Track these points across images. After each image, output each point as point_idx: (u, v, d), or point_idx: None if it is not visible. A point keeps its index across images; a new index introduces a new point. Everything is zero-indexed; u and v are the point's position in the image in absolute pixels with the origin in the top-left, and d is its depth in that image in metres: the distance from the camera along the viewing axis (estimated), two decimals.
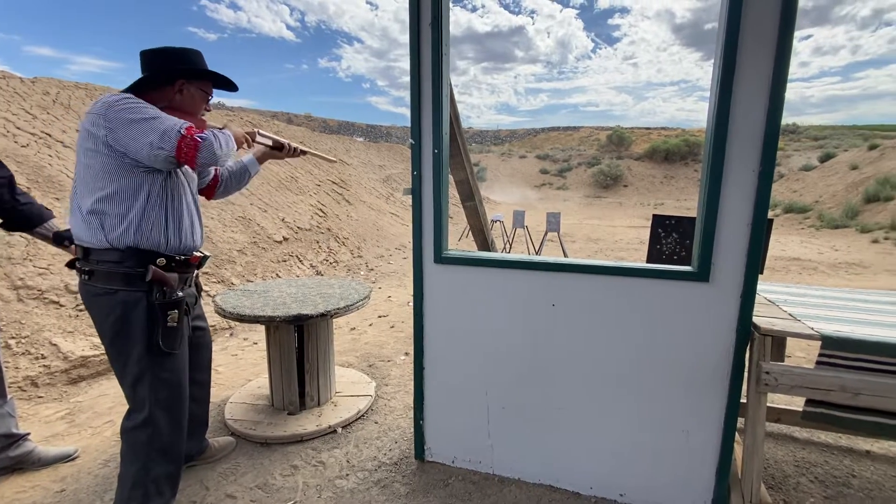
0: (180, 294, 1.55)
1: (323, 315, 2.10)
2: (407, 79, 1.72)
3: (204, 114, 1.66)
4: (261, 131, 1.82)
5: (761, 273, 1.52)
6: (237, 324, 4.45)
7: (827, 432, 2.19)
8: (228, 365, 3.33)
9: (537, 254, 8.69)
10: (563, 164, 32.95)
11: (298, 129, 17.20)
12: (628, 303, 1.63)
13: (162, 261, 1.49)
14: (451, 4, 1.72)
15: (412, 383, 2.01)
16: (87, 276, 1.47)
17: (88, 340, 3.44)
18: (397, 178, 17.27)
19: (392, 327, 3.98)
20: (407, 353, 3.29)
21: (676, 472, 1.67)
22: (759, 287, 1.84)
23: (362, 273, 7.20)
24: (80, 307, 3.63)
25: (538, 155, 36.28)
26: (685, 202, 24.33)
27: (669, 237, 2.38)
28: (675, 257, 2.36)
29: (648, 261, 2.36)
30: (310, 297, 2.34)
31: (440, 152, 1.73)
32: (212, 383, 1.99)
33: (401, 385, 2.77)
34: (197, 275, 1.73)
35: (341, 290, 2.45)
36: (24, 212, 1.79)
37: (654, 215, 2.43)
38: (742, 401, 1.57)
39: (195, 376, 1.80)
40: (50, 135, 5.66)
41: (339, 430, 2.26)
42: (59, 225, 1.86)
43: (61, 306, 3.58)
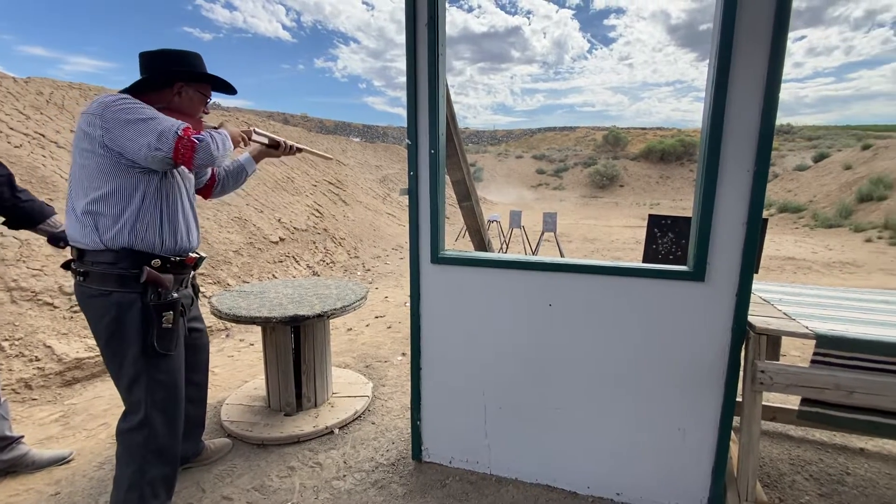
0: (175, 295, 1.54)
1: (319, 316, 2.10)
2: (403, 79, 1.72)
3: (202, 116, 1.66)
4: (257, 129, 1.82)
5: (756, 272, 1.53)
6: (233, 325, 4.43)
7: (822, 431, 2.21)
8: (225, 366, 3.32)
9: (534, 254, 8.71)
10: (559, 165, 33.02)
11: (295, 130, 17.15)
12: (625, 302, 1.63)
13: (157, 262, 1.49)
14: (447, 5, 1.72)
15: (409, 384, 2.01)
16: (81, 278, 1.47)
17: (83, 342, 3.41)
18: (394, 179, 17.26)
19: (389, 328, 3.98)
20: (404, 354, 3.29)
21: (673, 471, 1.68)
22: (754, 286, 1.85)
23: (359, 273, 7.19)
24: (75, 309, 3.61)
25: (534, 155, 36.34)
26: (681, 202, 24.44)
27: (665, 237, 2.38)
28: (671, 257, 2.37)
29: (644, 260, 2.37)
30: (306, 297, 2.33)
31: (437, 152, 1.73)
32: (208, 384, 1.98)
33: (398, 385, 2.77)
34: (194, 276, 1.73)
35: (338, 291, 2.45)
36: (26, 209, 1.77)
37: (650, 215, 2.44)
38: (738, 399, 1.58)
39: (192, 378, 1.79)
40: (43, 135, 5.62)
41: (336, 431, 2.26)
42: (61, 221, 1.84)
43: (55, 308, 3.56)
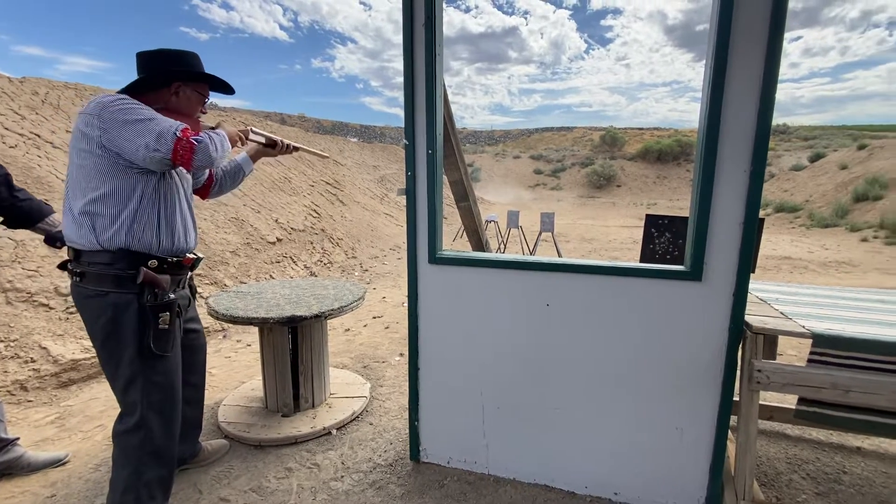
0: (172, 296, 1.53)
1: (317, 316, 2.09)
2: (401, 79, 1.72)
3: (200, 116, 1.65)
4: (254, 129, 1.81)
5: (753, 272, 1.54)
6: (230, 326, 4.42)
7: (818, 430, 2.22)
8: (222, 367, 3.31)
9: (531, 254, 8.71)
10: (556, 165, 33.08)
11: (292, 130, 17.13)
12: (622, 302, 1.63)
13: (154, 263, 1.48)
14: (444, 5, 1.72)
15: (407, 384, 2.00)
16: (78, 278, 1.46)
17: (79, 343, 3.40)
18: (391, 179, 17.25)
19: (387, 328, 3.97)
20: (402, 354, 3.29)
21: (670, 470, 1.68)
22: (750, 286, 1.86)
23: (356, 274, 7.18)
24: (71, 310, 3.59)
25: (532, 155, 36.39)
26: (678, 202, 24.51)
27: (662, 237, 2.39)
28: (668, 257, 2.37)
29: (642, 260, 2.37)
30: (304, 298, 2.33)
31: (434, 153, 1.73)
32: (205, 386, 1.97)
33: (396, 386, 2.77)
34: (191, 277, 1.72)
35: (335, 291, 2.45)
36: (24, 208, 1.76)
37: (647, 215, 2.44)
38: (735, 399, 1.58)
39: (188, 379, 1.79)
40: (39, 135, 5.60)
41: (334, 431, 2.25)
42: (59, 220, 1.83)
43: (51, 309, 3.54)
